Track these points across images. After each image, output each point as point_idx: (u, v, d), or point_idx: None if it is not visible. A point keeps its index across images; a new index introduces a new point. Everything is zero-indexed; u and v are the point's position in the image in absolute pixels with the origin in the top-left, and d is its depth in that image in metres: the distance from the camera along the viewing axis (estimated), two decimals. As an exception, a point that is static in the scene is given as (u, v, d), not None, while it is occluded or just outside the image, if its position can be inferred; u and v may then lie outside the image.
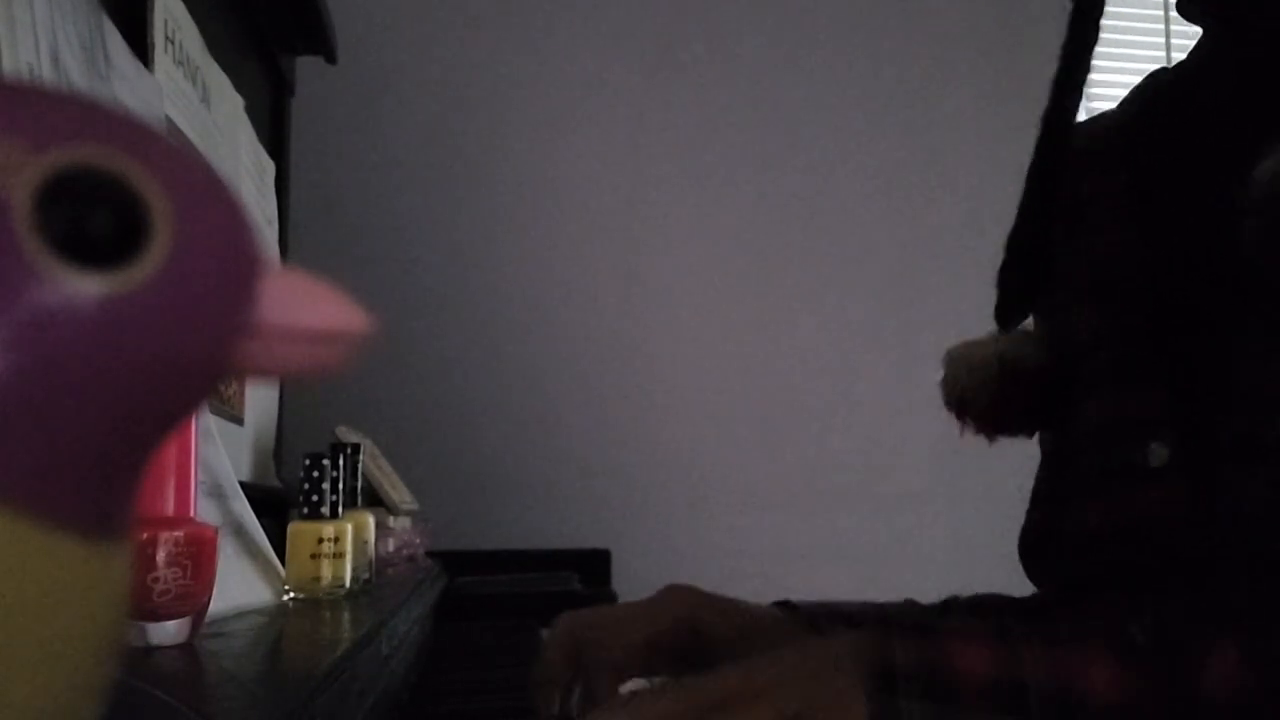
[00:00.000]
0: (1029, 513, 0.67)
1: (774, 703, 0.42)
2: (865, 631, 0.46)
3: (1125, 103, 0.67)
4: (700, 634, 0.60)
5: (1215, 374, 0.52)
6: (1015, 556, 0.67)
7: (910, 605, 0.70)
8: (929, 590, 0.75)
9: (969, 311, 0.70)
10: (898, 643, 0.44)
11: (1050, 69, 0.64)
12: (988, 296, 0.66)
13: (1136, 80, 0.67)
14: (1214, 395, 0.52)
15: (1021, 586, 0.77)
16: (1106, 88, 1.77)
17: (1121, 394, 0.57)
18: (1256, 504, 0.49)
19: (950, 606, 0.69)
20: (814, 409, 1.89)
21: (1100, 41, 0.63)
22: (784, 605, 0.66)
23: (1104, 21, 0.63)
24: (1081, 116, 0.66)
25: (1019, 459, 0.70)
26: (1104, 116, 0.68)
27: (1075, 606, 0.60)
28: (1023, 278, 0.65)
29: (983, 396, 0.63)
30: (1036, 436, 0.69)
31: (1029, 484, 0.68)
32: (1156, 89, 0.65)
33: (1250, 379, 0.50)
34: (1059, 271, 0.64)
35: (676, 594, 0.63)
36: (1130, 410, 0.56)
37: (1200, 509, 0.52)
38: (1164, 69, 0.66)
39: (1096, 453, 0.59)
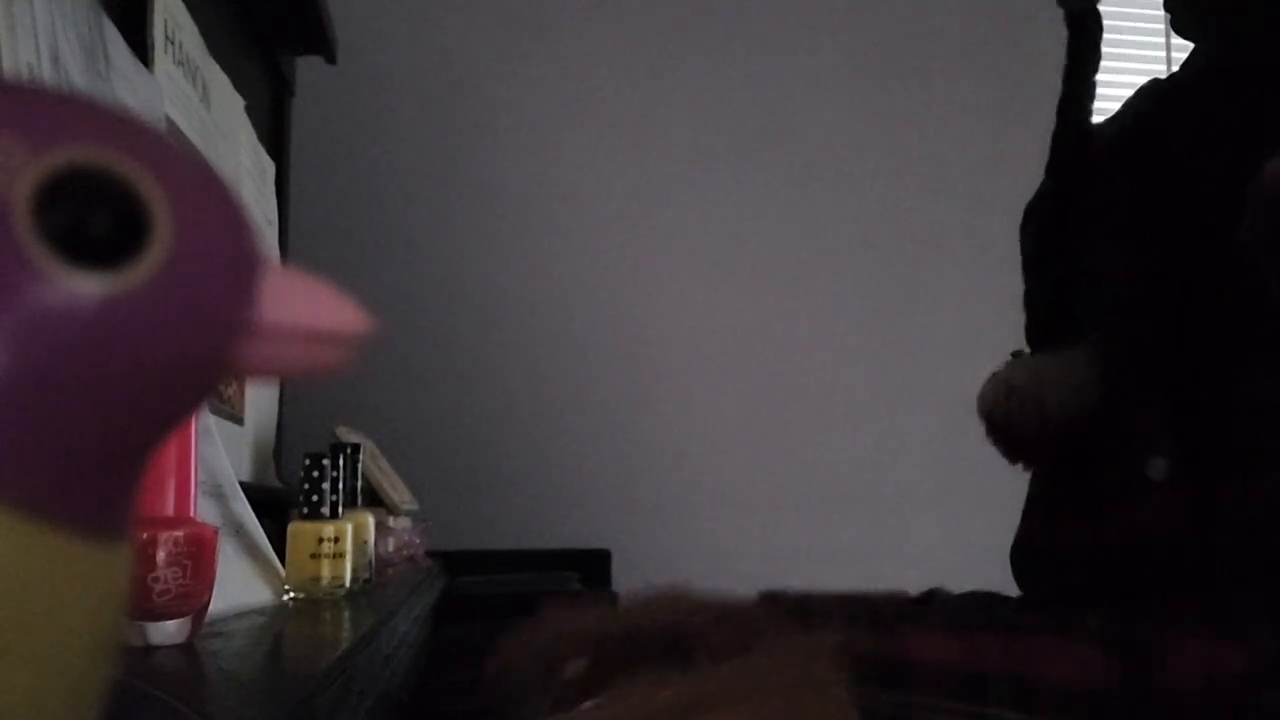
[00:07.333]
0: (1022, 524, 0.67)
1: (756, 704, 0.42)
2: (830, 629, 0.46)
3: (1119, 114, 0.66)
4: (683, 634, 0.58)
5: (1217, 385, 0.52)
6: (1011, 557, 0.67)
7: (896, 595, 0.69)
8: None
9: (968, 313, 0.70)
10: (856, 636, 0.44)
11: (1050, 67, 0.63)
12: (987, 298, 0.66)
13: (1137, 82, 0.66)
14: (1216, 407, 0.51)
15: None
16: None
17: (1122, 409, 0.57)
18: (1260, 515, 0.48)
19: (934, 597, 0.68)
20: (813, 410, 1.89)
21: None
22: (769, 596, 0.65)
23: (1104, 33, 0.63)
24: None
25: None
26: (1099, 128, 0.66)
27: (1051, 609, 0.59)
28: (1049, 298, 0.64)
29: (1012, 425, 0.62)
30: None
31: (1024, 486, 0.68)
32: (1155, 99, 0.63)
33: (1253, 389, 0.50)
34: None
35: (664, 598, 0.61)
36: (1131, 425, 0.56)
37: (1200, 522, 0.51)
38: (1157, 79, 0.65)
39: (1098, 466, 0.58)
